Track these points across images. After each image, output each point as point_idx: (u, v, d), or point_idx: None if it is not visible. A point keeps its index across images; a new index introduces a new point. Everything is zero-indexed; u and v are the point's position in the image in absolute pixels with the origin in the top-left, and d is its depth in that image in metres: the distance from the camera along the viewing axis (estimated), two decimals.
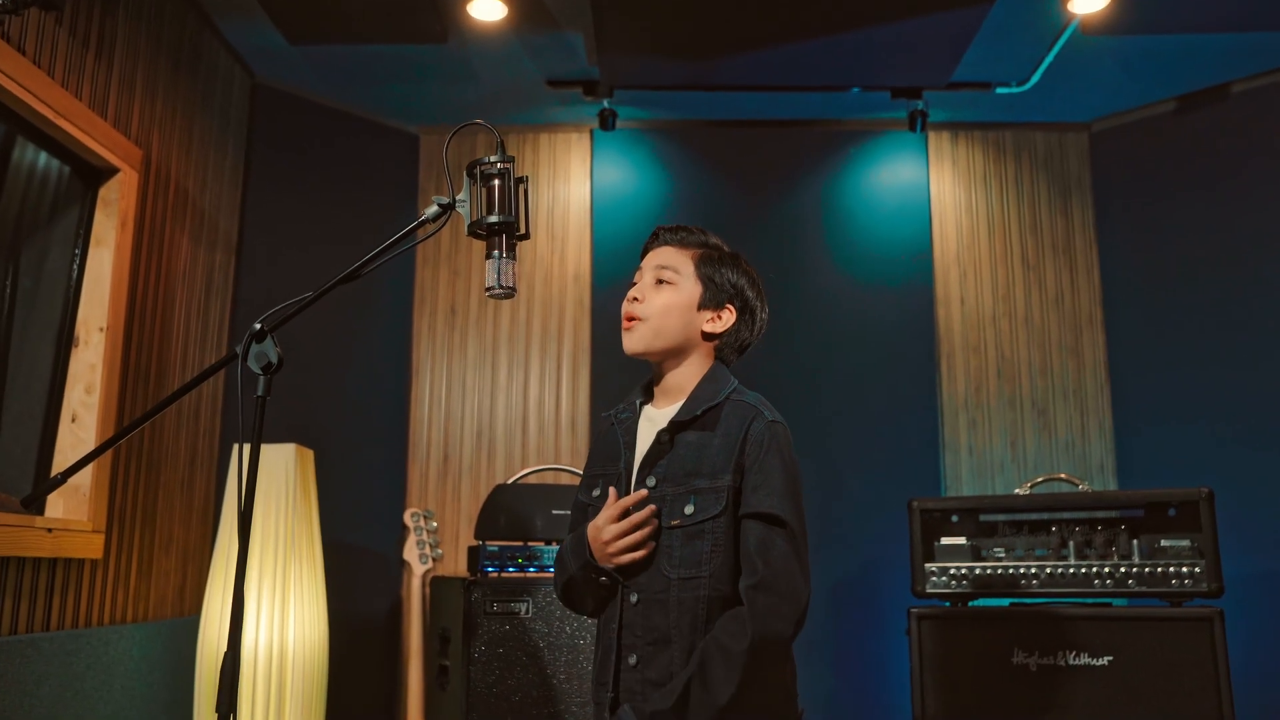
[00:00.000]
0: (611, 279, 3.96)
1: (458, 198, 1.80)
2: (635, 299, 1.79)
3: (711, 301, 1.79)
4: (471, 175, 1.80)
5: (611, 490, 1.73)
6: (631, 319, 1.78)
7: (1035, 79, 3.73)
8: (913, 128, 3.89)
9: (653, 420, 1.79)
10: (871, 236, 4.03)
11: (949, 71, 3.64)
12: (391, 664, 3.75)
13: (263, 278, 3.54)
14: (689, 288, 1.78)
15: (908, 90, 3.79)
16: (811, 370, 3.88)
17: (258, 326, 1.72)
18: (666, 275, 1.79)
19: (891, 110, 3.99)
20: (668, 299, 1.77)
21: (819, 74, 3.65)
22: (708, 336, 1.79)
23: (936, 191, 4.10)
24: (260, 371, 1.73)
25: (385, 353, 3.96)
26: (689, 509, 1.66)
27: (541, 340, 4.00)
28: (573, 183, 4.11)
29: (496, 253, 1.74)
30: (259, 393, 1.72)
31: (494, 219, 1.73)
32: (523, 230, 1.77)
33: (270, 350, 1.73)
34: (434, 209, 1.80)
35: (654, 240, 1.87)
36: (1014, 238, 4.08)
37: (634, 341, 1.78)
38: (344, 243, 3.71)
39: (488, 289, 1.74)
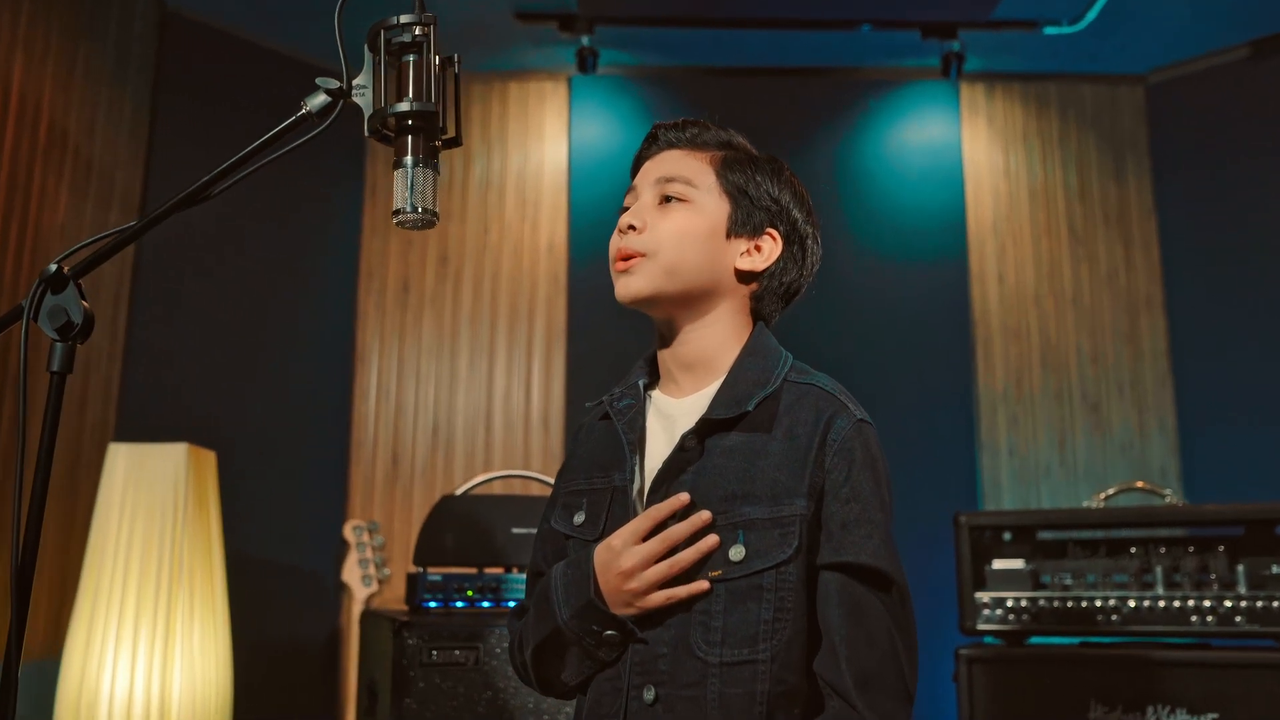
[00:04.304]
0: (591, 250, 3.46)
1: (355, 82, 1.25)
2: (631, 227, 1.20)
3: (746, 225, 1.22)
4: (373, 47, 1.25)
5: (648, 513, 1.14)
6: (628, 257, 1.19)
7: (1091, 16, 3.28)
8: (945, 74, 3.45)
9: (667, 415, 1.20)
10: (895, 203, 3.61)
11: (991, 5, 3.13)
12: (329, 708, 3.18)
13: (171, 243, 2.97)
14: (711, 206, 1.21)
15: (941, 27, 3.35)
16: (825, 357, 3.29)
17: (53, 268, 1.21)
18: (677, 189, 1.21)
19: (919, 55, 3.53)
20: (682, 222, 1.19)
21: (836, 5, 3.17)
22: (743, 277, 1.23)
23: (970, 151, 3.69)
24: (56, 335, 1.19)
25: (324, 336, 3.53)
26: (737, 552, 1.08)
27: (509, 322, 3.55)
28: (547, 139, 3.67)
29: (409, 159, 1.20)
30: (54, 367, 1.22)
31: (404, 107, 1.19)
32: (450, 130, 1.21)
33: (72, 304, 1.22)
34: (320, 99, 1.26)
35: (652, 143, 1.29)
36: (1060, 206, 3.66)
37: (636, 283, 1.18)
38: (275, 207, 3.25)
39: (395, 213, 1.19)
